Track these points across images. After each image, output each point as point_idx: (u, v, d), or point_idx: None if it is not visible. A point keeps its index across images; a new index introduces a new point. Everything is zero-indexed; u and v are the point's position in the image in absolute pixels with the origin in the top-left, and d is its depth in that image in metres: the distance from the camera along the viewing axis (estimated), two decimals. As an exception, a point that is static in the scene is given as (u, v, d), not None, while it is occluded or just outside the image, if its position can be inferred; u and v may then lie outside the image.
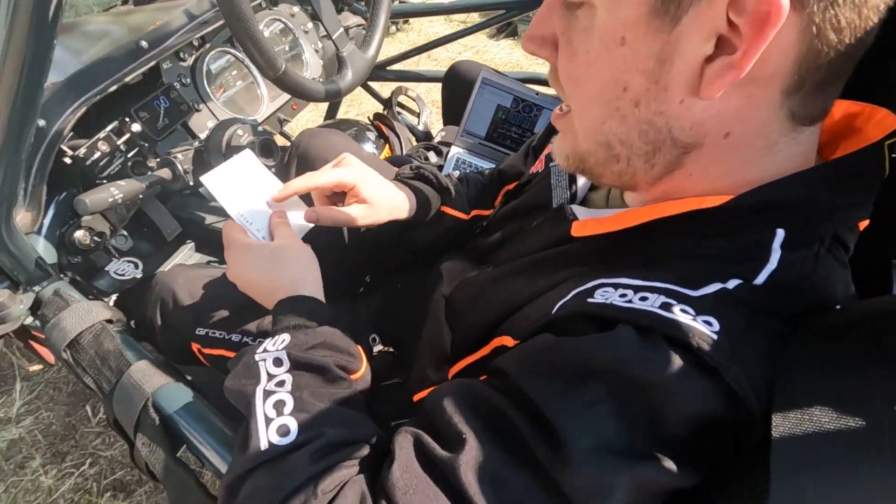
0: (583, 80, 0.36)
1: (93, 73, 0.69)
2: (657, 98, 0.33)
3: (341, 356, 0.47)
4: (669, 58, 0.31)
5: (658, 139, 0.35)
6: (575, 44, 0.35)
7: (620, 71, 0.33)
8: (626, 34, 0.32)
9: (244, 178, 0.60)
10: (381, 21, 0.73)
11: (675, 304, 0.32)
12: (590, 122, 0.38)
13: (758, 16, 0.28)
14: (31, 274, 0.64)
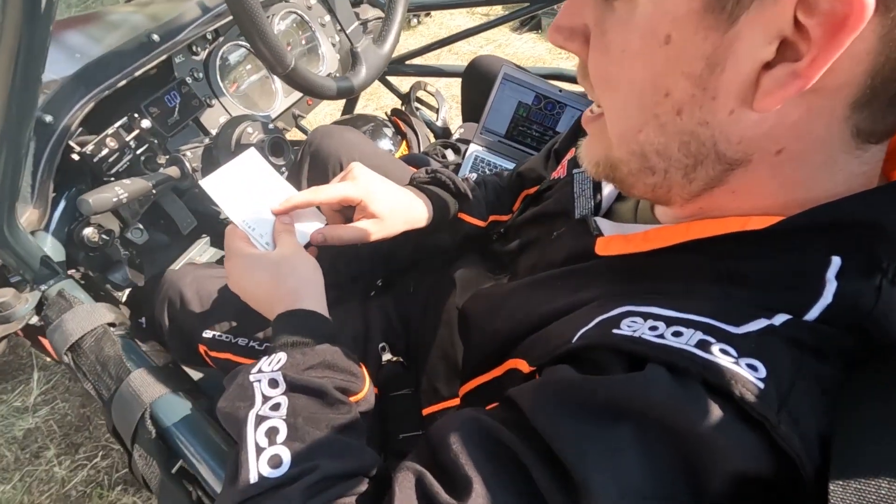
0: (617, 82, 0.32)
1: (102, 68, 0.68)
2: (703, 107, 0.29)
3: (341, 377, 0.44)
4: (721, 62, 0.27)
5: (701, 152, 0.31)
6: (609, 38, 0.31)
7: (662, 74, 0.29)
8: (673, 31, 0.27)
9: (248, 180, 0.57)
10: (398, 15, 0.69)
11: (714, 342, 0.28)
12: (623, 128, 0.34)
13: (833, 18, 0.23)
14: (36, 272, 0.63)
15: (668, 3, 0.27)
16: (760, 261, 0.32)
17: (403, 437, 0.63)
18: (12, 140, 0.52)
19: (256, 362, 0.44)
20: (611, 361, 0.31)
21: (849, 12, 0.23)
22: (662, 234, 0.37)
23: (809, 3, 0.24)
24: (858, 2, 0.22)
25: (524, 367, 0.40)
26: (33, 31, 0.43)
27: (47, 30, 0.44)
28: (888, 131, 0.30)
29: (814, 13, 0.24)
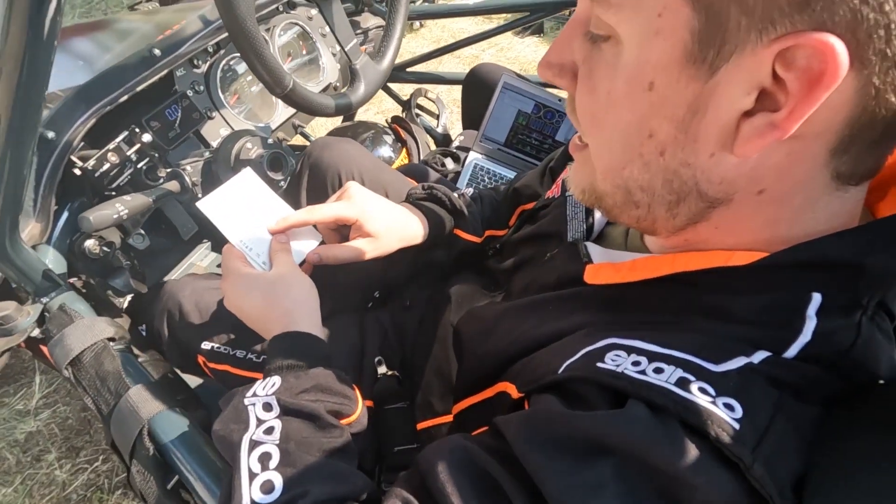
0: (603, 121, 0.33)
1: (104, 83, 0.69)
2: (685, 149, 0.30)
3: (334, 400, 0.45)
4: (702, 108, 0.28)
5: (683, 190, 0.32)
6: (596, 79, 0.32)
7: (646, 117, 0.30)
8: (656, 78, 0.28)
9: (244, 200, 0.58)
10: (397, 33, 0.70)
11: (693, 380, 0.29)
12: (608, 164, 0.34)
13: (810, 74, 0.24)
14: (37, 286, 0.64)
15: (650, 52, 0.28)
16: (743, 296, 0.33)
17: (398, 451, 0.63)
18: (15, 157, 0.53)
19: (251, 385, 0.45)
20: (594, 395, 0.32)
21: (824, 69, 0.24)
22: (649, 265, 0.38)
23: (787, 58, 0.24)
24: (833, 61, 0.23)
25: (513, 392, 0.41)
26: (37, 51, 0.44)
27: (51, 49, 0.45)
28: (867, 174, 0.31)
29: (791, 68, 0.25)
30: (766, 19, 0.24)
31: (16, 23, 0.42)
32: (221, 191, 0.57)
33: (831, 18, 0.23)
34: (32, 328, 0.64)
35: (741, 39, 0.25)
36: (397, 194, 0.82)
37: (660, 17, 0.27)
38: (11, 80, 0.46)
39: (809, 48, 0.23)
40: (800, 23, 0.23)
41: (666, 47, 0.27)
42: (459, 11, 1.42)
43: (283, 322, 0.51)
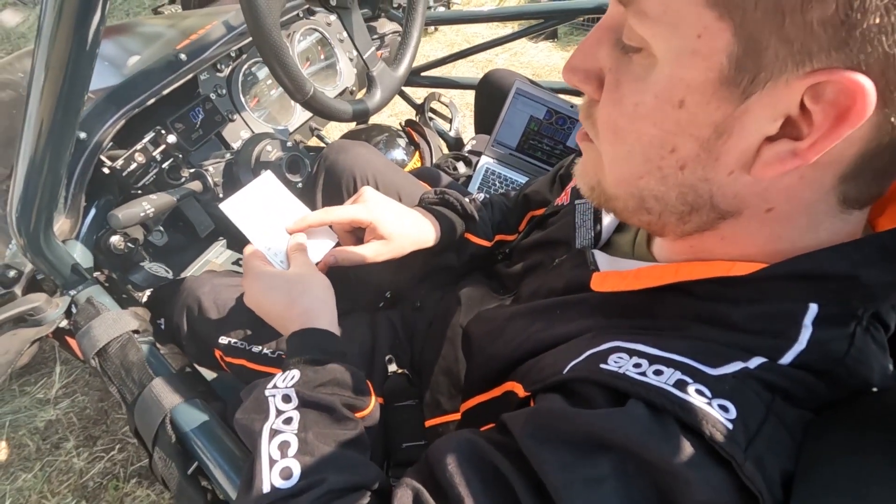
0: (625, 132, 0.33)
1: (132, 87, 0.72)
2: (706, 166, 0.31)
3: (349, 394, 0.47)
4: (728, 130, 0.29)
5: (697, 203, 0.33)
6: (623, 90, 0.32)
7: (671, 133, 0.31)
8: (687, 97, 0.29)
9: (264, 201, 0.60)
10: (413, 41, 0.72)
11: (690, 382, 0.31)
12: (625, 173, 0.35)
13: (837, 109, 0.25)
14: (66, 279, 0.67)
15: (685, 71, 0.28)
16: (742, 305, 0.34)
17: (406, 447, 0.65)
18: (54, 158, 0.56)
19: (272, 378, 0.47)
20: (596, 395, 0.34)
21: (851, 106, 0.25)
22: (653, 274, 0.39)
23: (817, 92, 0.26)
24: (862, 100, 0.24)
25: (520, 392, 0.43)
26: (80, 59, 0.46)
27: (93, 57, 0.48)
28: (872, 199, 0.32)
29: (819, 101, 0.26)
30: (804, 53, 0.25)
31: (63, 31, 0.44)
32: (242, 193, 0.59)
33: (866, 59, 0.24)
34: (61, 319, 0.67)
35: (777, 69, 0.26)
36: (410, 197, 0.84)
37: (699, 37, 0.27)
38: (55, 86, 0.48)
39: (840, 85, 0.24)
40: (836, 60, 0.24)
41: (701, 68, 0.27)
42: (474, 17, 1.44)
43: (301, 319, 0.53)
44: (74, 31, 0.44)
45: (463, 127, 1.68)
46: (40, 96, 0.49)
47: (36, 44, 0.46)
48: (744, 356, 0.32)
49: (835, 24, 0.23)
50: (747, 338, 0.33)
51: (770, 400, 0.30)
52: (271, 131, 0.92)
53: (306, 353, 0.49)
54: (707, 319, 0.36)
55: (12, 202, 0.60)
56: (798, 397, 0.31)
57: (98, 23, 0.45)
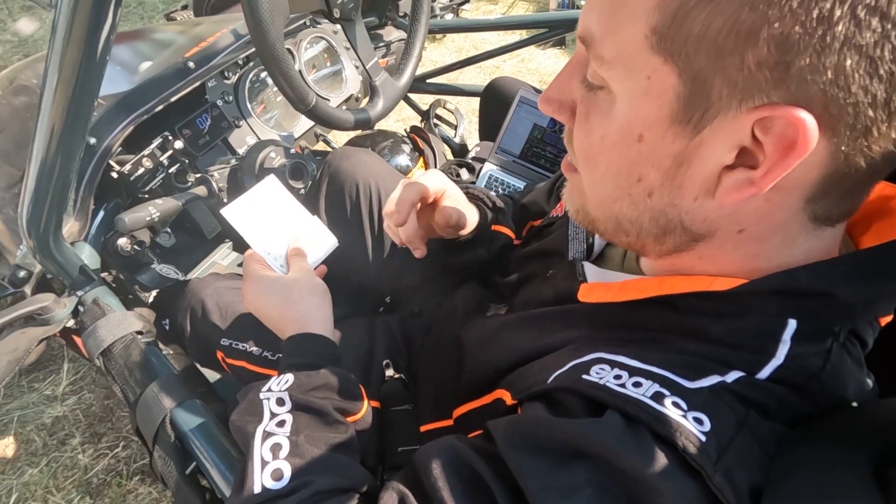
0: (596, 160, 0.35)
1: (142, 94, 0.74)
2: (671, 193, 0.33)
3: (341, 398, 0.48)
4: (687, 161, 0.31)
5: (669, 226, 0.35)
6: (591, 122, 0.34)
7: (635, 163, 0.33)
8: (645, 132, 0.31)
9: (267, 207, 0.62)
10: (416, 52, 0.74)
11: (667, 395, 0.32)
12: (600, 198, 0.37)
13: (784, 140, 0.27)
14: (74, 280, 0.69)
15: (640, 109, 0.30)
16: (722, 319, 0.35)
17: (401, 451, 0.66)
18: (64, 162, 0.58)
19: (267, 381, 0.48)
20: (576, 405, 0.35)
21: (796, 138, 0.26)
22: (638, 287, 0.40)
23: (765, 124, 0.27)
24: (804, 133, 0.26)
25: (508, 399, 0.44)
26: (91, 65, 0.48)
27: (104, 64, 0.50)
28: (843, 216, 0.33)
29: (768, 133, 0.27)
30: (747, 91, 0.26)
31: (74, 40, 0.46)
32: (244, 199, 0.61)
33: (804, 95, 0.26)
34: (68, 319, 0.69)
35: (724, 106, 0.28)
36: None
37: (648, 79, 0.29)
38: (66, 91, 0.50)
39: (784, 119, 0.26)
40: (776, 96, 0.26)
41: (654, 107, 0.30)
42: (480, 26, 1.45)
43: (298, 324, 0.55)
44: (86, 39, 0.46)
45: (468, 133, 1.69)
46: (52, 102, 0.51)
47: (48, 51, 0.48)
48: (722, 370, 0.33)
49: (770, 65, 0.25)
50: (726, 352, 0.34)
51: (744, 414, 0.31)
52: (277, 138, 0.93)
53: (301, 358, 0.51)
54: (688, 333, 0.36)
55: (23, 205, 0.62)
56: (773, 411, 0.32)
57: (109, 31, 0.47)
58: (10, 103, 0.95)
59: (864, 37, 0.24)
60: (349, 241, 0.87)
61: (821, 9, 0.24)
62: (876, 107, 0.25)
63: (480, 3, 2.94)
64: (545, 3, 2.93)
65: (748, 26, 0.25)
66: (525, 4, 3.02)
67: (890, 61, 0.24)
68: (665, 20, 0.27)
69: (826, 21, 0.24)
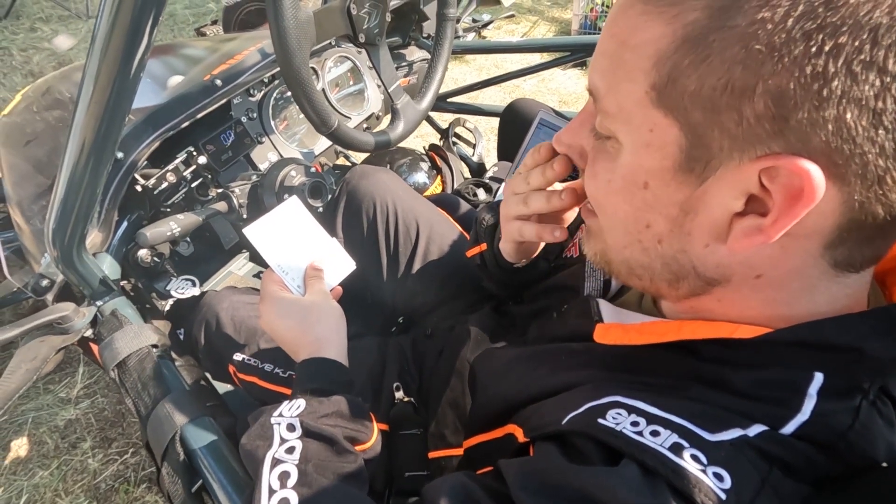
0: (605, 205, 0.36)
1: (169, 110, 0.75)
2: (681, 240, 0.33)
3: (352, 426, 0.48)
4: (694, 209, 0.31)
5: (682, 271, 0.34)
6: (598, 167, 0.35)
7: (642, 210, 0.33)
8: (650, 181, 0.32)
9: (287, 227, 0.62)
10: (438, 76, 0.75)
11: (686, 446, 0.30)
12: (612, 242, 0.38)
13: (791, 189, 0.26)
14: (94, 290, 0.70)
15: (644, 158, 0.31)
16: (744, 370, 0.34)
17: (409, 476, 0.66)
18: (93, 176, 0.59)
19: (279, 405, 0.48)
20: (592, 451, 0.34)
21: (802, 187, 0.26)
22: (657, 330, 0.39)
23: (770, 173, 0.27)
24: (809, 183, 0.26)
25: (520, 436, 0.43)
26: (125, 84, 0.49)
27: (137, 82, 0.51)
28: (867, 262, 0.32)
29: (774, 181, 0.27)
30: (748, 143, 0.27)
31: (110, 57, 0.47)
32: (267, 219, 0.61)
33: (806, 146, 0.25)
34: (86, 329, 0.70)
35: (726, 157, 0.28)
36: (428, 223, 0.86)
37: (651, 132, 0.30)
38: (99, 107, 0.52)
39: (788, 169, 0.26)
40: (778, 147, 0.26)
41: (657, 158, 0.30)
42: (503, 48, 1.46)
43: (312, 347, 0.55)
44: (122, 58, 0.47)
45: (486, 151, 1.69)
46: (84, 116, 0.53)
47: (85, 66, 0.49)
48: (744, 423, 0.32)
49: (768, 118, 0.26)
50: (749, 404, 0.33)
51: (767, 471, 0.30)
52: (298, 155, 0.95)
53: (314, 383, 0.51)
54: (709, 381, 0.35)
55: (50, 215, 0.63)
56: (797, 469, 0.31)
57: (144, 51, 0.48)
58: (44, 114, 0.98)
59: (862, 91, 0.24)
60: (365, 259, 0.87)
61: (814, 66, 0.24)
62: (885, 156, 0.25)
63: (502, 23, 2.97)
64: (567, 25, 2.96)
65: (742, 83, 0.26)
66: (547, 25, 3.04)
67: (894, 112, 0.24)
68: (662, 79, 0.28)
69: (821, 77, 0.24)
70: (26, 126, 0.98)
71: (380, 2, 0.67)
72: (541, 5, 3.21)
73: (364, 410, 0.51)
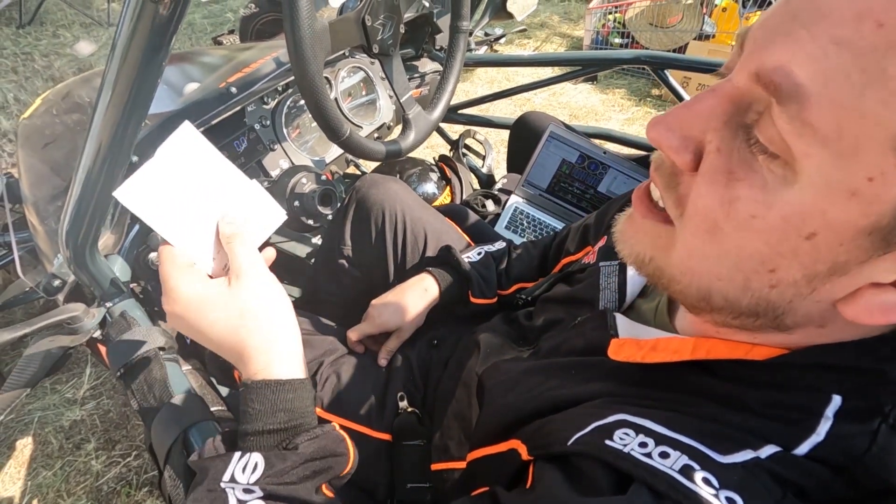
0: (725, 236, 0.29)
1: (185, 116, 0.77)
2: (799, 294, 0.29)
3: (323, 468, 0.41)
4: (846, 271, 0.27)
5: (765, 313, 0.31)
6: (739, 192, 0.27)
7: (780, 256, 0.27)
8: (821, 232, 0.25)
9: (183, 173, 0.42)
10: (450, 87, 0.75)
11: (697, 469, 0.30)
12: (701, 268, 0.31)
13: None
14: (105, 291, 0.71)
15: (833, 207, 0.25)
16: (759, 389, 0.33)
17: (411, 487, 0.65)
18: (108, 179, 0.60)
19: (227, 463, 0.39)
20: (599, 474, 0.33)
21: None
22: (671, 347, 0.38)
23: None
24: None
25: (523, 453, 0.42)
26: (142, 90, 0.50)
27: (154, 88, 0.52)
28: None
29: None
30: None
31: (129, 63, 0.48)
32: (150, 169, 0.41)
33: None
34: (95, 330, 0.71)
35: None
36: (435, 234, 0.86)
37: (869, 181, 0.23)
38: (116, 113, 0.53)
39: None
40: None
41: (855, 213, 0.24)
42: (514, 61, 1.48)
43: (257, 358, 0.42)
44: (141, 64, 0.48)
45: (496, 163, 1.70)
46: (102, 120, 0.54)
47: (105, 71, 0.50)
48: (756, 443, 0.31)
49: None
50: (762, 423, 0.32)
51: (781, 495, 0.29)
52: (309, 162, 0.96)
53: (269, 421, 0.40)
54: (722, 399, 0.35)
55: (65, 216, 0.64)
56: (810, 493, 0.30)
57: (161, 59, 0.49)
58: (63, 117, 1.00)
59: None
60: (373, 267, 0.88)
61: None
62: None
63: (514, 37, 3.00)
64: (578, 41, 2.98)
65: None
66: (559, 40, 3.07)
67: None
68: None
69: None
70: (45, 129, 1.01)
71: (394, 13, 0.68)
72: (552, 20, 3.24)
73: (336, 440, 0.42)
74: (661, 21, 2.54)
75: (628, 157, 1.19)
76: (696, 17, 2.48)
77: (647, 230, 0.35)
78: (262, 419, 0.40)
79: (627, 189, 1.17)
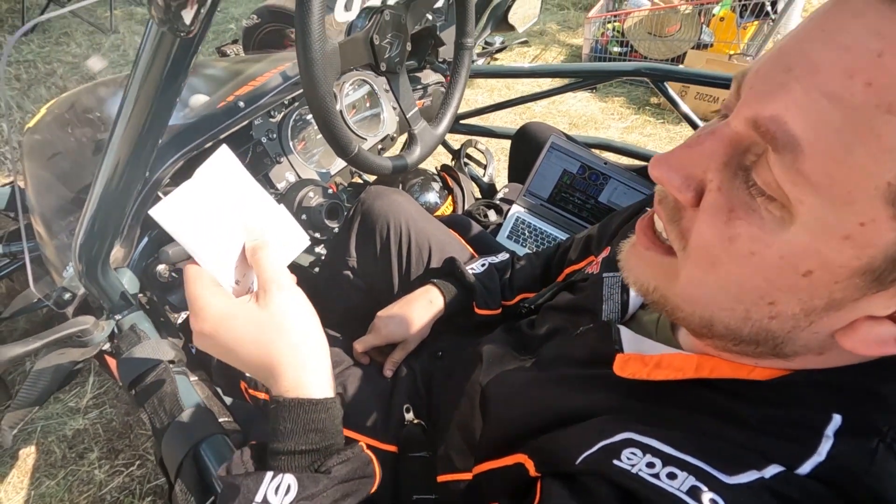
0: (725, 271, 0.30)
1: (195, 131, 0.78)
2: (798, 325, 0.30)
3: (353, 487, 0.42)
4: (842, 307, 0.28)
5: (765, 342, 0.32)
6: (738, 230, 0.28)
7: (778, 290, 0.29)
8: (818, 271, 0.27)
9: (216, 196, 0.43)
10: (454, 102, 0.77)
11: (704, 490, 0.30)
12: (703, 299, 0.33)
13: None
14: (114, 304, 0.72)
15: (828, 248, 0.26)
16: (762, 408, 0.34)
17: (417, 499, 0.65)
18: (123, 195, 0.61)
19: (259, 482, 0.38)
20: (608, 495, 0.33)
21: None
22: (675, 364, 0.39)
23: None
24: None
25: (531, 469, 0.43)
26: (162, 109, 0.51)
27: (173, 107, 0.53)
28: None
29: None
30: None
31: (150, 83, 0.49)
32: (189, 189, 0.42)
33: None
34: (104, 342, 0.71)
35: None
36: (439, 244, 0.87)
37: (861, 226, 0.24)
38: (134, 132, 0.54)
39: None
40: None
41: (848, 255, 0.25)
42: (515, 73, 1.49)
43: (289, 377, 0.42)
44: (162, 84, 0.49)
45: (497, 172, 1.72)
46: (120, 140, 0.55)
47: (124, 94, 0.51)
48: (760, 463, 0.32)
49: None
50: (764, 441, 0.33)
51: None
52: (315, 175, 0.97)
53: (302, 441, 0.40)
54: (725, 416, 0.35)
55: (80, 231, 0.65)
56: None
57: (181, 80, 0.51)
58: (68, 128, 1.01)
59: None
60: (377, 278, 0.89)
61: None
62: None
63: (514, 46, 3.02)
64: (577, 49, 3.00)
65: None
66: (558, 48, 3.09)
67: None
68: None
69: None
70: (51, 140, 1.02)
71: (401, 32, 0.69)
72: (551, 29, 3.27)
73: (364, 459, 0.43)
74: (659, 30, 2.57)
75: (628, 168, 1.21)
76: (694, 27, 2.51)
77: (650, 261, 0.36)
78: (294, 439, 0.40)
79: (628, 199, 1.18)
